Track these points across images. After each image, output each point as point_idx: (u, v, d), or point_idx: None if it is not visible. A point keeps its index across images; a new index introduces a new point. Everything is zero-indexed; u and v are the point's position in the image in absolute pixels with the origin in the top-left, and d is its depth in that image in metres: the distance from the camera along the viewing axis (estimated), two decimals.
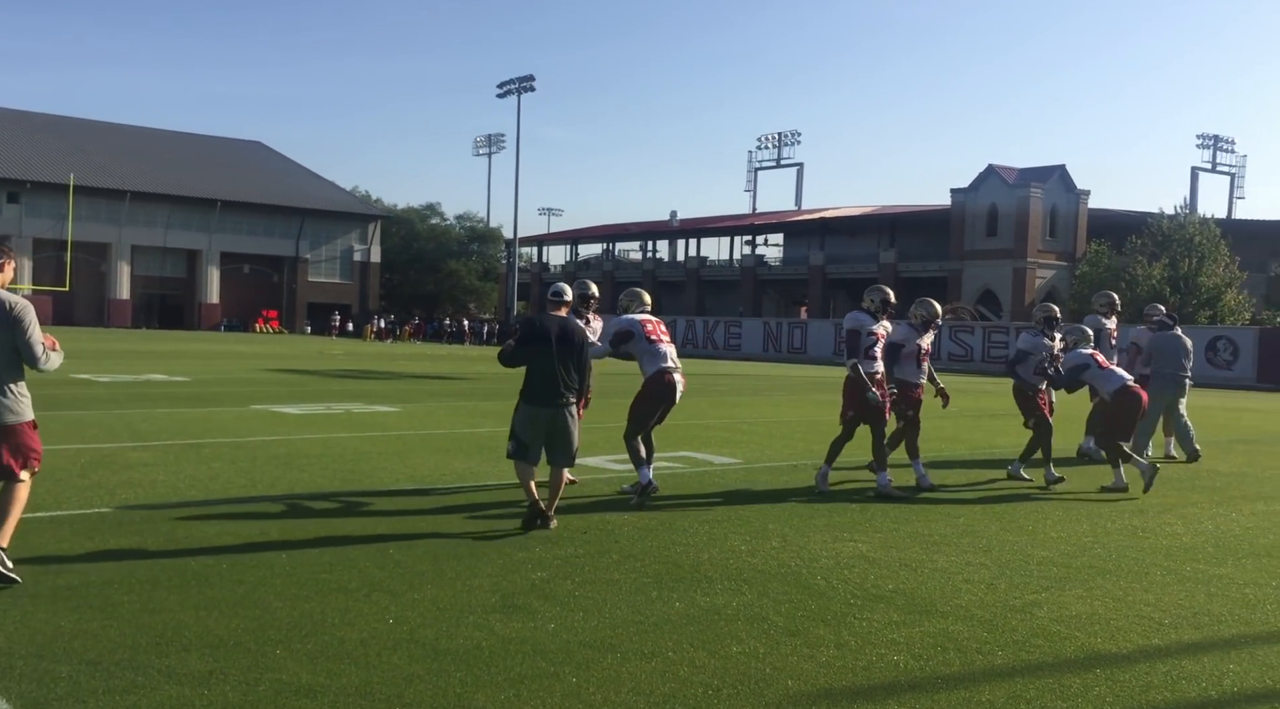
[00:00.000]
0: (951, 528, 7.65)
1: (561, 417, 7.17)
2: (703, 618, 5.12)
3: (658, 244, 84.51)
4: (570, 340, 7.24)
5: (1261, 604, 5.73)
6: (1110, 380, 9.79)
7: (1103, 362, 10.05)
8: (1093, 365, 9.88)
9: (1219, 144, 73.02)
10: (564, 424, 7.18)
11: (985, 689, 4.27)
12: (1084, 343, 10.15)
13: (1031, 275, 57.48)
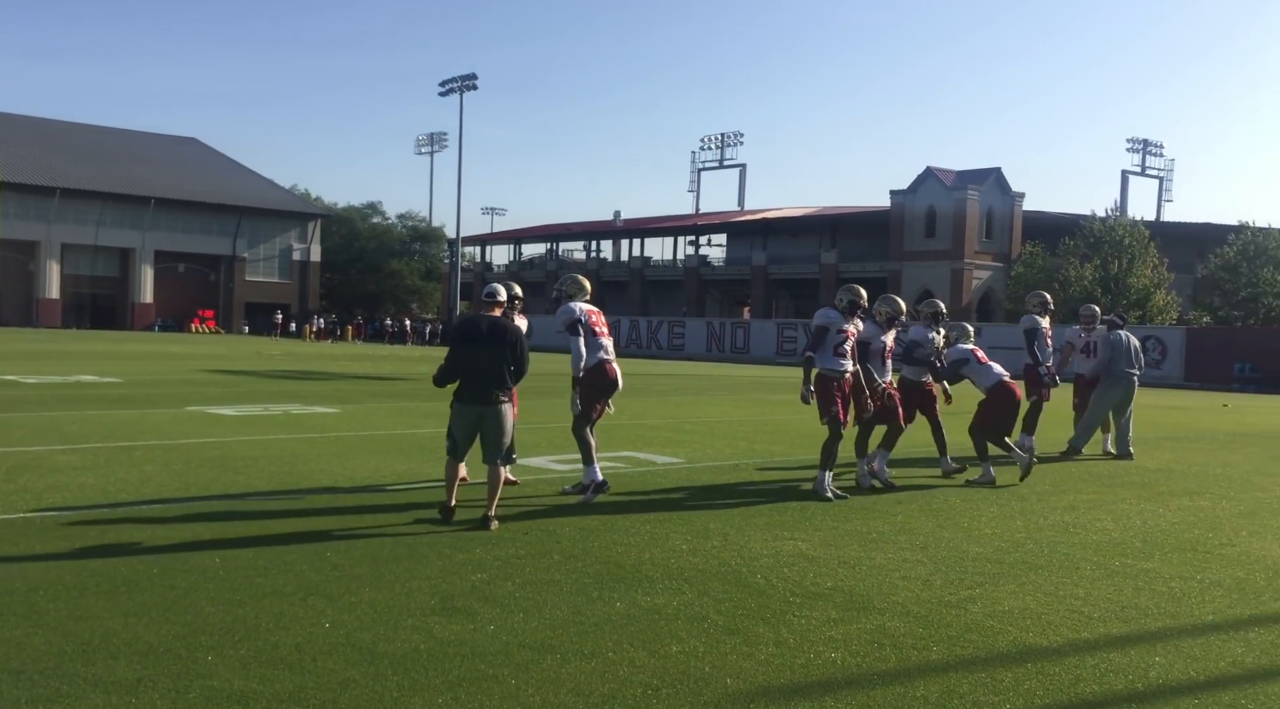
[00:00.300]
0: (889, 525, 7.75)
1: (492, 414, 7.25)
2: (643, 617, 5.13)
3: (601, 244, 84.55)
4: (501, 339, 7.31)
5: (1186, 597, 5.88)
6: (987, 376, 10.31)
7: (981, 357, 10.50)
8: (971, 360, 10.39)
9: (1148, 148, 74.84)
10: (494, 421, 7.26)
11: (920, 684, 4.33)
12: (964, 338, 10.65)
13: (968, 276, 58.45)
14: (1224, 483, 10.58)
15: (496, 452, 7.29)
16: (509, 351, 7.31)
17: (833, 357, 8.89)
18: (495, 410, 7.24)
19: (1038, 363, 12.24)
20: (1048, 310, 12.62)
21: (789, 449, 11.90)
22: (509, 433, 7.39)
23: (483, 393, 7.22)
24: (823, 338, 8.89)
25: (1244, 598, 5.90)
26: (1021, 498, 9.23)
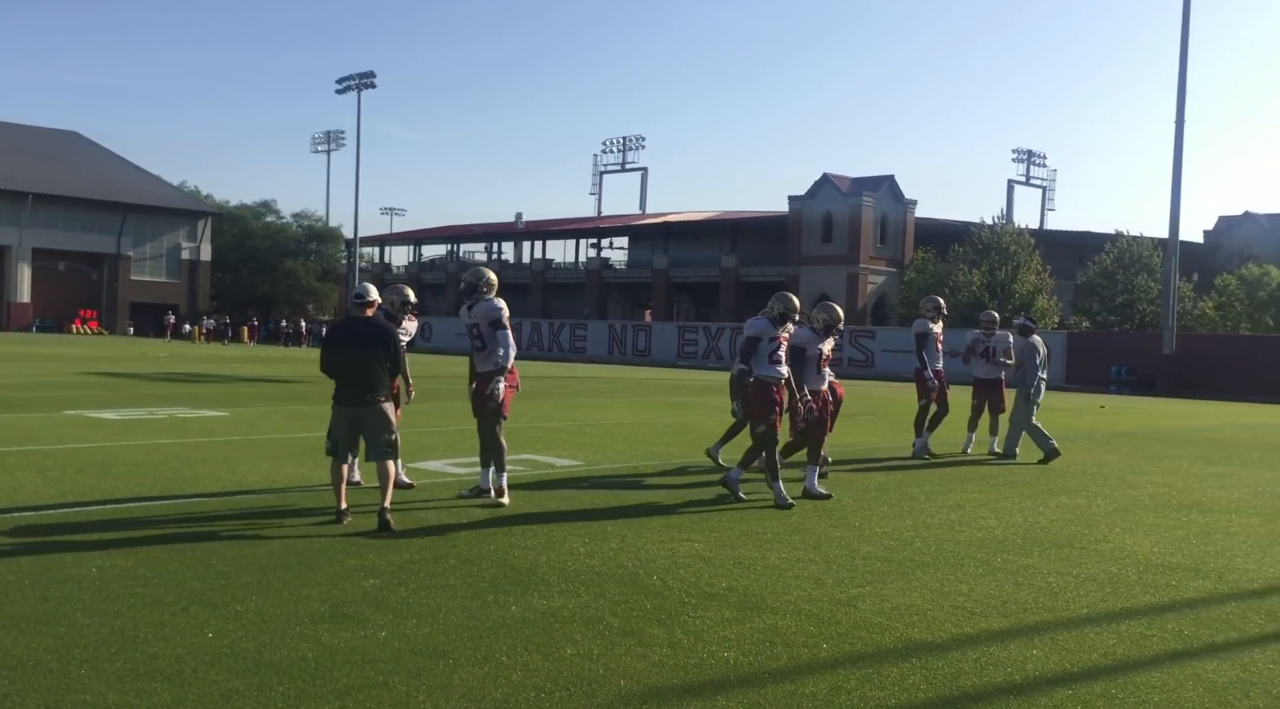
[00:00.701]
0: (784, 526, 7.88)
1: (368, 414, 7.29)
2: (538, 621, 5.11)
3: (503, 246, 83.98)
4: (372, 340, 7.33)
5: (1063, 592, 6.12)
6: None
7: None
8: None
9: (1032, 159, 77.52)
10: (372, 420, 7.30)
11: (809, 682, 4.41)
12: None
13: (864, 280, 59.78)
14: (1099, 481, 11.03)
15: (376, 448, 7.32)
16: (381, 352, 7.33)
17: (769, 364, 8.83)
18: (372, 410, 7.30)
19: (924, 366, 12.62)
20: (941, 315, 12.98)
21: (688, 452, 12.00)
22: (390, 430, 7.37)
23: (357, 394, 7.30)
24: (754, 349, 8.83)
25: (1116, 592, 6.17)
26: (911, 498, 9.48)
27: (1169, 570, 6.76)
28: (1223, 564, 7.01)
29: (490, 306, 8.33)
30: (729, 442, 10.83)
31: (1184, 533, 8.12)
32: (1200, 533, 8.14)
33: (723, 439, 10.93)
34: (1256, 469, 12.72)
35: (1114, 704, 4.25)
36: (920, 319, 13.00)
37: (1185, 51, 35.19)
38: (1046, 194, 78.60)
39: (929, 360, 12.65)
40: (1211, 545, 7.65)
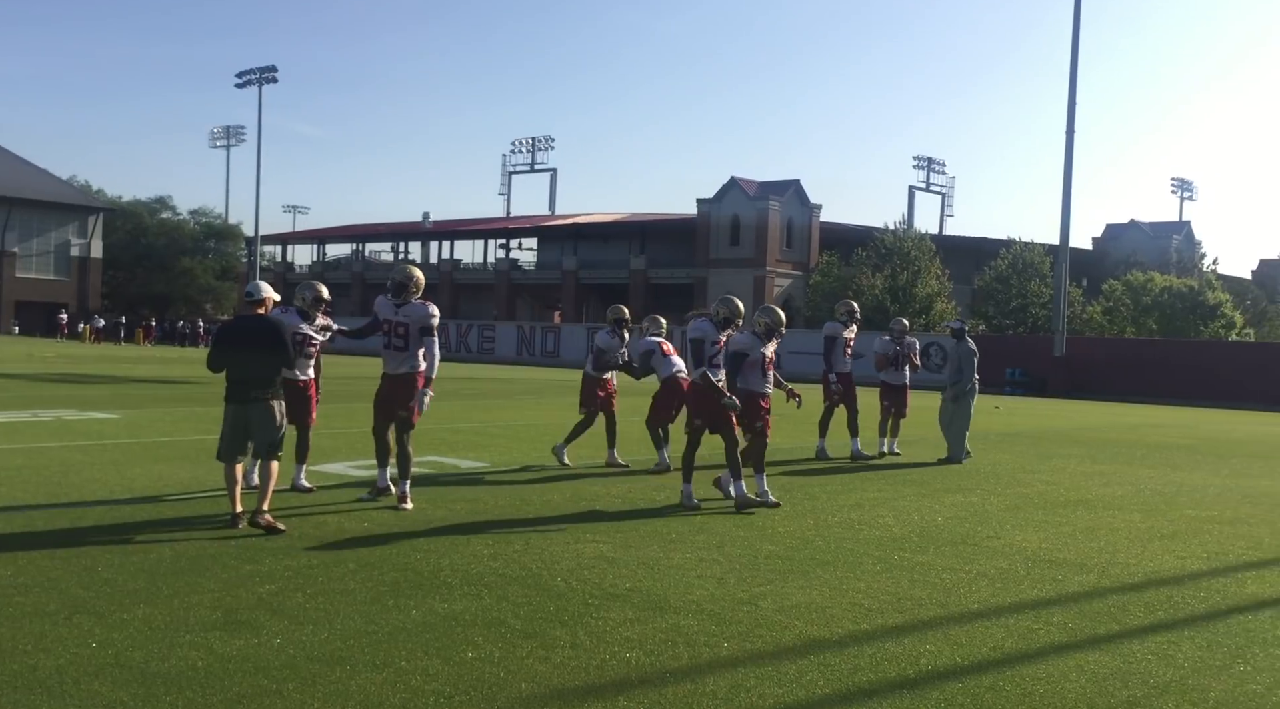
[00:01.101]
0: (689, 526, 7.94)
1: (256, 411, 7.17)
2: (439, 625, 5.06)
3: (409, 245, 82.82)
4: (260, 338, 7.22)
5: (956, 588, 6.29)
6: (666, 367, 11.06)
7: (667, 349, 11.19)
8: (657, 351, 11.08)
9: (932, 166, 79.61)
10: (260, 418, 7.17)
11: (710, 680, 4.45)
12: (653, 328, 11.43)
13: (770, 283, 60.59)
14: (992, 480, 11.38)
15: (263, 447, 7.20)
16: (268, 350, 7.21)
17: (710, 367, 8.85)
18: (259, 408, 7.18)
19: (830, 369, 12.81)
20: (854, 320, 13.09)
21: (595, 453, 11.99)
22: (278, 429, 7.22)
23: (244, 392, 7.19)
24: (701, 351, 8.83)
25: (1006, 587, 6.37)
26: (812, 497, 9.64)
27: (1056, 565, 7.01)
28: (1106, 559, 7.29)
29: (426, 311, 8.17)
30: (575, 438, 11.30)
31: (1070, 529, 8.43)
32: (1085, 529, 8.46)
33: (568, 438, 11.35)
34: (1139, 467, 13.26)
35: (1001, 696, 4.38)
36: (832, 322, 13.11)
37: (1075, 65, 36.56)
38: (946, 200, 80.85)
39: (835, 363, 12.80)
40: (1095, 541, 7.95)
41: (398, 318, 8.19)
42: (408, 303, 8.19)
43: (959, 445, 12.93)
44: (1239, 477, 12.47)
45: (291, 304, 8.61)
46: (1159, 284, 53.42)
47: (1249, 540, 8.20)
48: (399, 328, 8.18)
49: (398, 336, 8.18)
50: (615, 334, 11.31)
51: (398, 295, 8.20)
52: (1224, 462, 14.28)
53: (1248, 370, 33.60)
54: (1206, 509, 9.77)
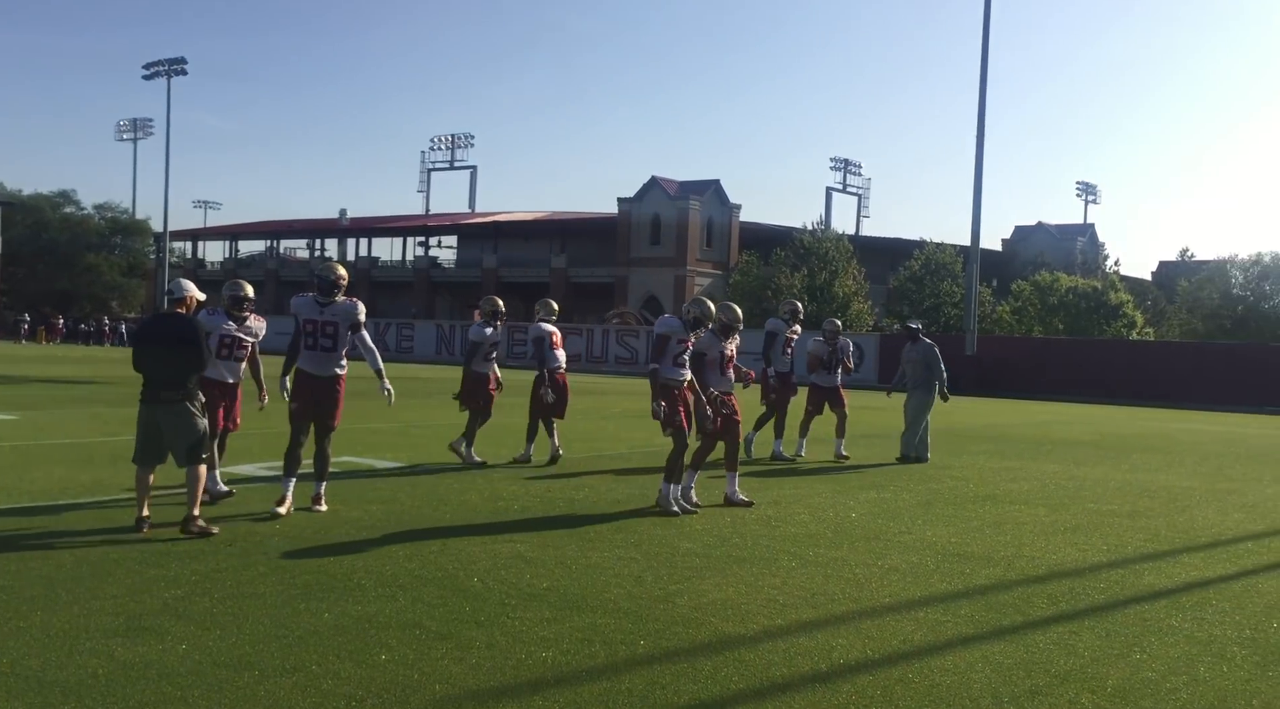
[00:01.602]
0: (607, 524, 7.95)
1: (169, 414, 6.98)
2: (353, 628, 4.98)
3: (326, 242, 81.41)
4: (174, 337, 7.05)
5: (869, 583, 6.41)
6: (552, 360, 11.42)
7: (556, 340, 11.44)
8: (546, 340, 11.41)
9: (849, 167, 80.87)
10: (172, 422, 6.98)
11: (626, 679, 4.47)
12: (543, 311, 11.81)
13: (690, 283, 60.95)
14: (904, 476, 11.62)
15: (180, 453, 7.01)
16: (179, 351, 7.00)
17: (672, 366, 8.71)
18: (170, 410, 6.98)
19: (769, 364, 12.63)
20: (797, 319, 12.95)
21: (514, 451, 11.94)
22: (194, 434, 7.00)
23: (154, 392, 7.01)
24: (665, 347, 8.66)
25: (916, 581, 6.51)
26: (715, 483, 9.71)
27: (964, 559, 7.19)
28: (1012, 552, 7.50)
29: (354, 308, 7.94)
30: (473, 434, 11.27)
31: (978, 523, 8.65)
32: (993, 523, 8.69)
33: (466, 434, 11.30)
34: (1045, 462, 13.66)
35: (910, 688, 4.48)
36: (775, 319, 12.94)
37: (985, 71, 37.47)
38: (862, 202, 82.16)
39: (774, 360, 12.66)
40: (1003, 535, 8.17)
41: (325, 317, 7.89)
42: (334, 301, 7.95)
43: (923, 444, 13.01)
44: (1138, 471, 12.93)
45: (216, 306, 8.32)
46: (1065, 285, 55.05)
47: (1147, 533, 8.50)
48: (327, 327, 7.88)
49: (325, 336, 7.88)
50: (490, 326, 11.42)
51: (327, 295, 7.92)
52: (1124, 457, 14.78)
53: (1148, 369, 34.83)
54: (1107, 503, 10.11)
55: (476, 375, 11.29)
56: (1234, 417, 26.84)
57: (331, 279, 7.95)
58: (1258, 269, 55.48)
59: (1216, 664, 4.96)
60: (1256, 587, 6.68)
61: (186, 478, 7.03)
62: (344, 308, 7.94)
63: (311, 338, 7.90)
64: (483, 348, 11.34)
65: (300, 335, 7.91)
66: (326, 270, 8.06)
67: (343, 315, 7.92)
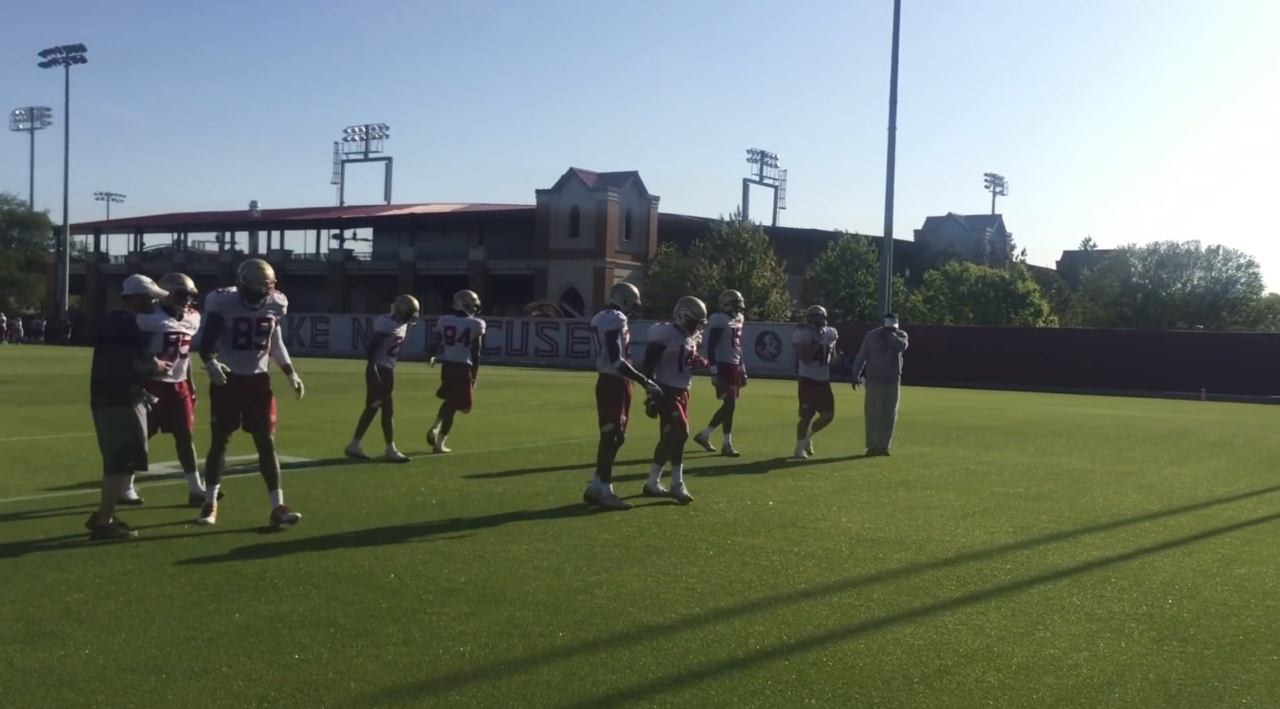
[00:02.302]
0: (526, 517, 7.93)
1: (101, 417, 6.84)
2: (265, 628, 4.90)
3: (236, 235, 79.41)
4: (105, 337, 6.88)
5: (785, 569, 6.51)
6: (455, 353, 11.78)
7: (400, 336, 11.55)
8: (388, 339, 11.43)
9: (765, 159, 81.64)
10: (102, 424, 6.84)
11: (544, 670, 4.47)
12: (461, 302, 11.99)
13: (610, 274, 60.94)
14: (819, 464, 11.80)
15: (104, 458, 6.80)
16: (112, 352, 6.81)
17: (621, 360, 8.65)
18: (102, 414, 6.81)
19: (711, 360, 11.94)
20: (739, 309, 12.45)
21: (413, 444, 11.82)
22: (115, 439, 6.78)
23: (92, 395, 6.85)
24: (617, 342, 8.59)
25: (831, 566, 6.63)
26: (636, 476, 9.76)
27: (877, 544, 7.34)
28: (923, 536, 7.68)
29: (280, 303, 7.58)
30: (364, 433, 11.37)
31: (891, 509, 8.83)
32: (905, 508, 8.88)
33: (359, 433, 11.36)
34: (954, 448, 14.00)
35: (824, 671, 4.56)
36: (717, 313, 12.38)
37: (896, 65, 38.18)
38: (778, 193, 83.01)
39: (721, 355, 12.18)
40: (914, 519, 8.36)
41: (260, 313, 7.39)
42: (268, 297, 7.46)
43: (886, 434, 13.09)
44: (1044, 455, 13.34)
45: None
46: (974, 274, 56.41)
47: (1051, 514, 8.78)
48: (262, 323, 7.40)
49: (259, 333, 7.40)
50: (401, 324, 11.53)
51: (254, 300, 7.37)
52: (1030, 441, 15.23)
53: (1053, 356, 35.90)
54: (1014, 486, 10.41)
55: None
56: (1134, 401, 27.83)
57: (261, 290, 7.41)
58: (1155, 258, 57.51)
59: (1115, 640, 5.16)
60: (1153, 565, 6.95)
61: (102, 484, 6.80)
62: (276, 303, 7.53)
63: (244, 336, 7.39)
64: (387, 341, 11.39)
65: (213, 335, 7.34)
66: (255, 280, 7.41)
67: (275, 309, 7.52)
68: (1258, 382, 31.39)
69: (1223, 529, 8.35)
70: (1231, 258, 56.13)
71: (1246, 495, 10.30)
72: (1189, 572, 6.73)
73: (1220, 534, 8.13)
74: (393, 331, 11.44)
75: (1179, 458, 13.52)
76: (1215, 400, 28.97)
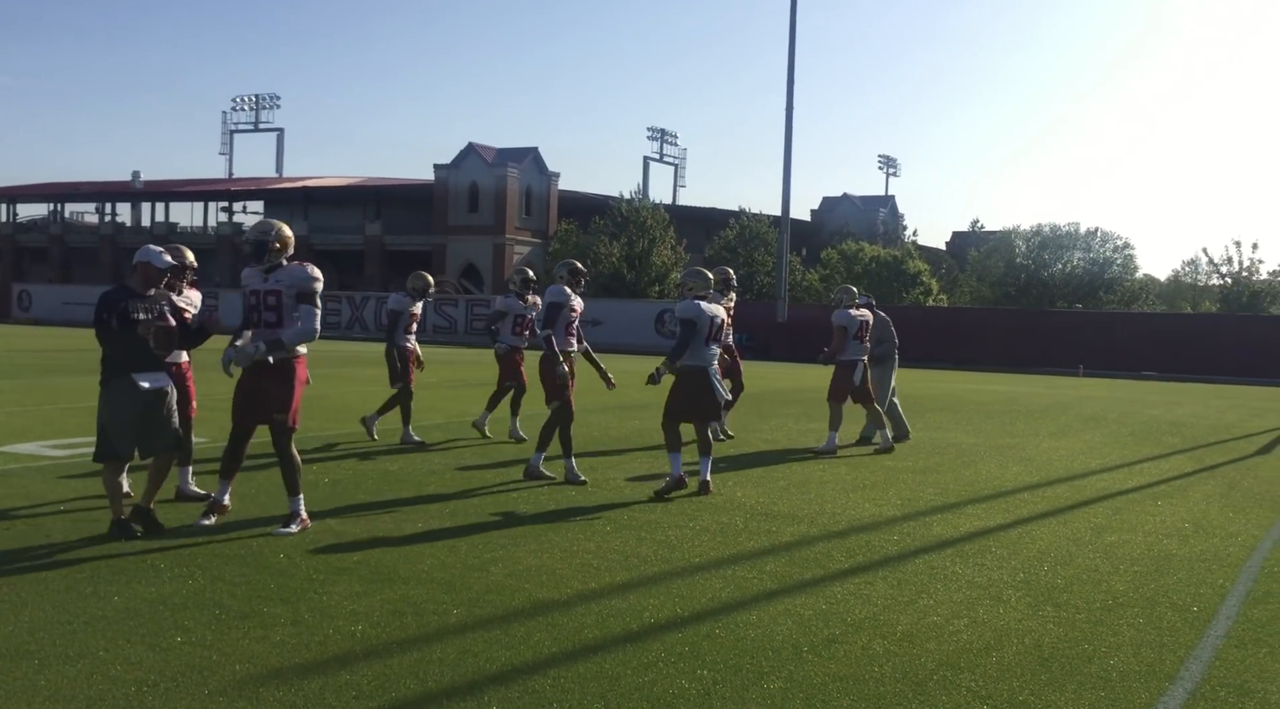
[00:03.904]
0: (420, 496, 7.84)
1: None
2: (145, 610, 4.75)
3: (118, 206, 76.21)
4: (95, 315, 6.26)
5: (680, 544, 6.57)
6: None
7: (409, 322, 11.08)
8: (404, 316, 10.99)
9: (665, 137, 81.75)
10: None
11: (437, 648, 4.44)
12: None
13: (510, 251, 60.47)
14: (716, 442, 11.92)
15: None
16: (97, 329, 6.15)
17: (564, 336, 8.57)
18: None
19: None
20: (730, 288, 11.48)
21: (327, 424, 11.59)
22: (99, 426, 6.18)
23: None
24: (557, 315, 8.47)
25: (726, 540, 6.72)
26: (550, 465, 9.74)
27: (771, 518, 7.47)
28: (815, 509, 7.85)
29: (304, 275, 6.43)
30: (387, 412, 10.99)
31: (785, 483, 9.00)
32: (798, 483, 9.06)
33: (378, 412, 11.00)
34: (846, 424, 14.24)
35: (716, 643, 4.64)
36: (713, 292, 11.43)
37: (793, 45, 38.59)
38: (678, 171, 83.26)
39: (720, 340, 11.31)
40: (807, 493, 8.53)
41: (268, 286, 6.46)
42: (279, 266, 6.49)
43: (899, 419, 12.19)
44: (931, 430, 13.74)
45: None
46: (868, 254, 57.62)
47: (937, 487, 9.06)
48: (269, 297, 6.44)
49: (268, 309, 6.45)
50: (417, 300, 11.17)
51: (259, 258, 6.49)
52: (919, 417, 15.65)
53: (942, 333, 36.97)
54: (902, 460, 10.71)
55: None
56: (1017, 377, 28.86)
57: (259, 238, 6.53)
58: (1038, 239, 59.51)
59: (994, 606, 5.36)
60: (1030, 534, 7.24)
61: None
62: (292, 273, 6.46)
63: (254, 312, 6.52)
64: (404, 319, 10.96)
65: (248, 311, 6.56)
66: (256, 229, 6.65)
67: (289, 282, 6.43)
68: (1131, 358, 32.88)
69: (1095, 499, 8.74)
70: (1108, 240, 58.44)
71: (1118, 467, 10.80)
72: (1063, 540, 7.03)
73: (1093, 504, 8.51)
74: (408, 309, 11.01)
75: (1057, 431, 14.09)
76: (1092, 377, 30.23)
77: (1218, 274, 52.71)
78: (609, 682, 4.11)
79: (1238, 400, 21.72)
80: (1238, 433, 14.78)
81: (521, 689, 4.00)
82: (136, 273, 6.30)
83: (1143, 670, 4.46)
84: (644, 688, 4.06)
